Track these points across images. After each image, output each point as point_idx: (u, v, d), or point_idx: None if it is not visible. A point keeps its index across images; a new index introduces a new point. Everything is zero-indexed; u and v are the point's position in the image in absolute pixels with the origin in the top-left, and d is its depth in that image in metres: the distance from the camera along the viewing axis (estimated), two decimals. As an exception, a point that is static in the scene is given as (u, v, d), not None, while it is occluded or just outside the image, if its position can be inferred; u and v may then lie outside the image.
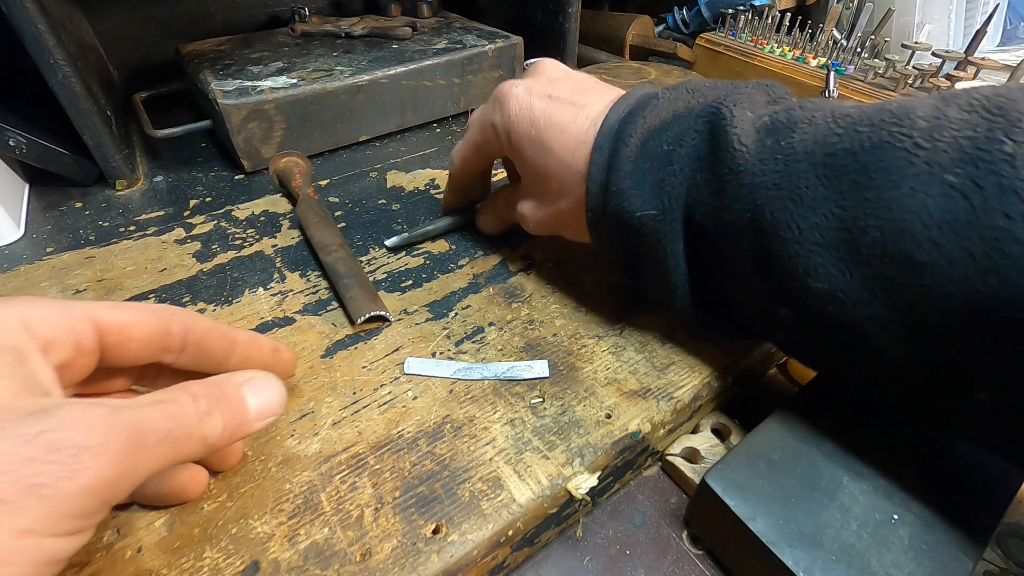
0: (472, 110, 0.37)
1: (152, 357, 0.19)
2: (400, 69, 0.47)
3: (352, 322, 0.29)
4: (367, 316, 0.29)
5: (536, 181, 0.28)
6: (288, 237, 0.37)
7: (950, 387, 0.18)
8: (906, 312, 0.17)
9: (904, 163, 0.17)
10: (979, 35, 0.46)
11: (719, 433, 0.28)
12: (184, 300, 0.31)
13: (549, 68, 0.29)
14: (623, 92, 0.26)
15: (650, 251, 0.24)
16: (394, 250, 0.35)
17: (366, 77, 0.45)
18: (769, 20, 0.58)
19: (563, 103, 0.26)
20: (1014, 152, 0.15)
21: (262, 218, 0.39)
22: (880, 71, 0.50)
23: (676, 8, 0.74)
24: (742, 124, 0.21)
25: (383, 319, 0.29)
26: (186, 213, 0.39)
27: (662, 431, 0.26)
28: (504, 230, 0.35)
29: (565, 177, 0.26)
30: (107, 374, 0.20)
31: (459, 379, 0.26)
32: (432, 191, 0.42)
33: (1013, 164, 0.15)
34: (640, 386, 0.26)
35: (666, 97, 0.24)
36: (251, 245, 0.36)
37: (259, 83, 0.43)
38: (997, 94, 0.17)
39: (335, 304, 0.31)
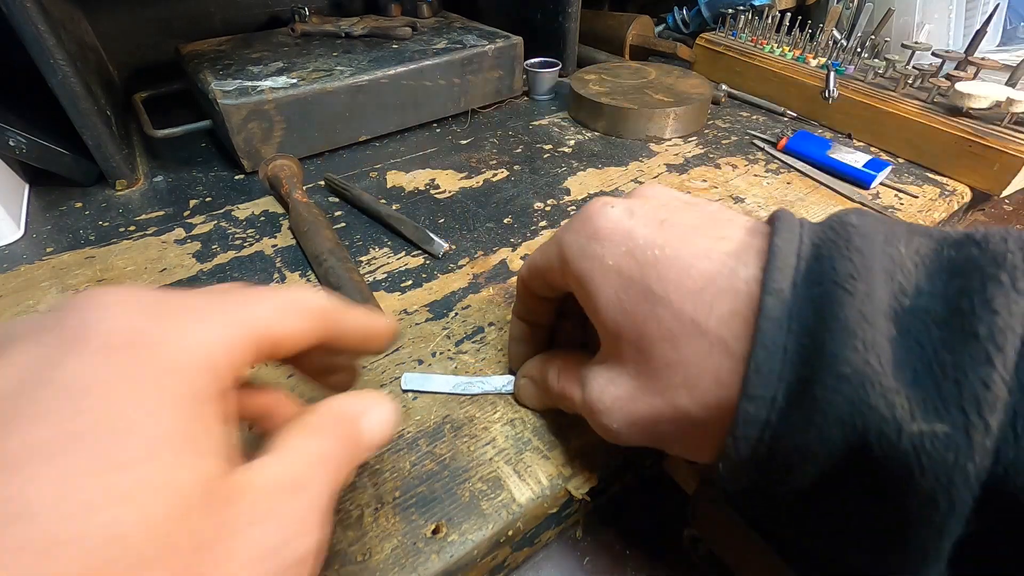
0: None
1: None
2: (400, 69, 0.47)
3: None
4: None
5: (629, 346, 0.18)
6: (288, 237, 0.37)
7: None
8: None
9: None
10: (979, 35, 0.46)
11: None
12: (184, 300, 0.31)
13: (660, 192, 0.20)
14: (755, 220, 0.18)
15: (903, 497, 0.13)
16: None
17: (366, 77, 0.45)
18: (769, 20, 0.58)
19: (684, 228, 0.18)
20: None
21: (262, 218, 0.39)
22: (880, 71, 0.50)
23: (676, 8, 0.74)
24: None
25: None
26: (186, 213, 0.39)
27: (662, 431, 0.26)
28: (548, 407, 0.25)
29: (687, 342, 0.16)
30: None
31: (458, 394, 0.26)
32: (432, 191, 0.42)
33: None
34: (640, 386, 0.26)
35: (862, 227, 0.15)
36: (251, 245, 0.36)
37: (259, 83, 0.43)
38: None
39: (335, 304, 0.31)
